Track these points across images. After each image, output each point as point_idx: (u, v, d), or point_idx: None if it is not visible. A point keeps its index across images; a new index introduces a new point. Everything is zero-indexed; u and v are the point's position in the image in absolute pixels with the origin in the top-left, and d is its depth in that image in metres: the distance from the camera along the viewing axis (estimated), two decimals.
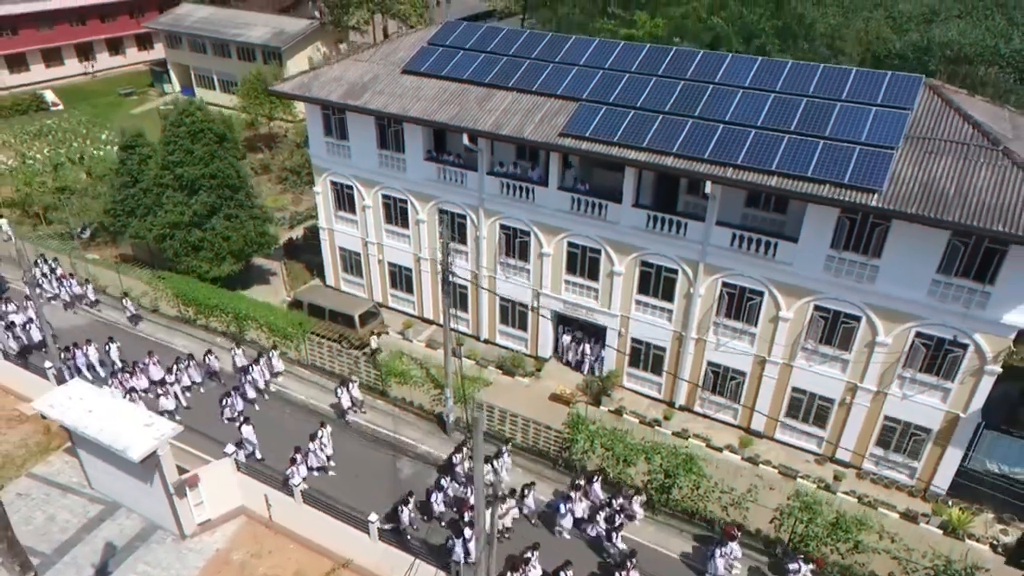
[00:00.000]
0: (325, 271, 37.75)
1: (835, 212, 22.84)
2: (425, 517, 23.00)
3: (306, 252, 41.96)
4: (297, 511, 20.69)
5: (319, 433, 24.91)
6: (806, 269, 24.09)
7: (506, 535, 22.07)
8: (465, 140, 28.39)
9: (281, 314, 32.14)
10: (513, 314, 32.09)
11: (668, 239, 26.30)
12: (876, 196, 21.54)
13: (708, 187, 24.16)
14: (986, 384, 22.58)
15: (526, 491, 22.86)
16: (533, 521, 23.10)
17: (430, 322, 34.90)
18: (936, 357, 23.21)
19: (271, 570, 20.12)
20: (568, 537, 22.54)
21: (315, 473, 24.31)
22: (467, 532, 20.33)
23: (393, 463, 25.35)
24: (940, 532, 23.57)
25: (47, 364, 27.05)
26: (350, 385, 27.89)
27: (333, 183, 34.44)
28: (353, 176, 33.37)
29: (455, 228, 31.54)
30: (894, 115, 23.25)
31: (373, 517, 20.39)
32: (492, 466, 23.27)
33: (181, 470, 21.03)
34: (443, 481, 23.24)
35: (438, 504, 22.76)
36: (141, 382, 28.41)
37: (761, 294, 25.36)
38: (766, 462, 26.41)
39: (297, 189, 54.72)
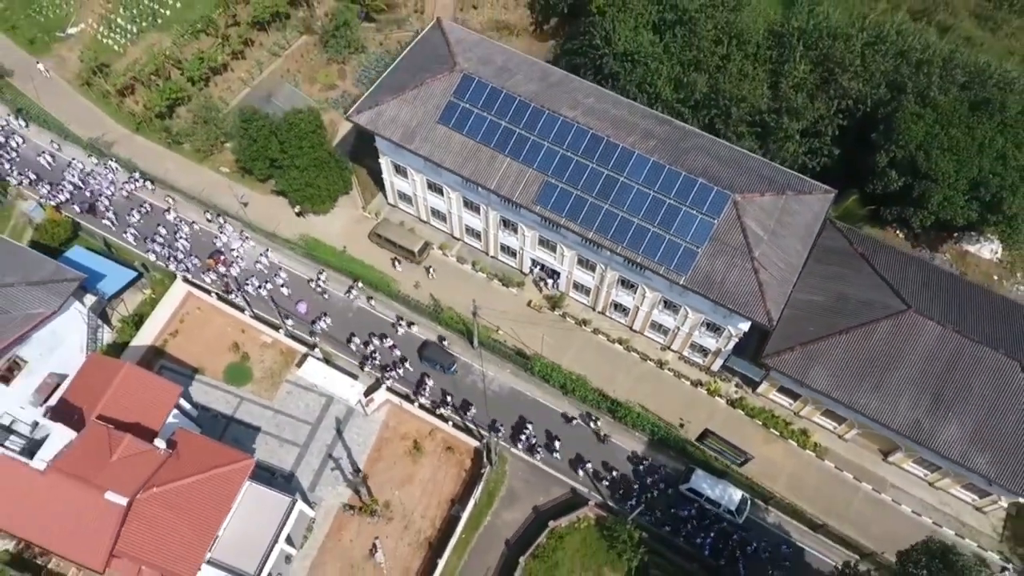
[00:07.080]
0: (386, 193, 58.60)
1: None
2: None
3: (365, 156, 61.21)
4: (413, 407, 48.12)
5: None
6: (658, 285, 47.20)
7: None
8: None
9: (378, 275, 54.69)
10: (508, 249, 54.96)
11: (592, 252, 48.50)
12: (684, 278, 43.97)
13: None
14: (733, 342, 47.68)
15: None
16: None
17: (457, 239, 57.52)
18: (714, 328, 47.92)
19: (407, 429, 48.08)
20: None
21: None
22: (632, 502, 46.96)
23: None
24: (705, 392, 51.06)
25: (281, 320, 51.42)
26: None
27: (392, 162, 53.84)
28: (406, 165, 52.82)
29: (472, 207, 52.57)
30: (707, 223, 43.92)
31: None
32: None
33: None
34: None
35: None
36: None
37: (638, 286, 48.74)
38: (634, 349, 52.66)
39: (340, 56, 68.37)
